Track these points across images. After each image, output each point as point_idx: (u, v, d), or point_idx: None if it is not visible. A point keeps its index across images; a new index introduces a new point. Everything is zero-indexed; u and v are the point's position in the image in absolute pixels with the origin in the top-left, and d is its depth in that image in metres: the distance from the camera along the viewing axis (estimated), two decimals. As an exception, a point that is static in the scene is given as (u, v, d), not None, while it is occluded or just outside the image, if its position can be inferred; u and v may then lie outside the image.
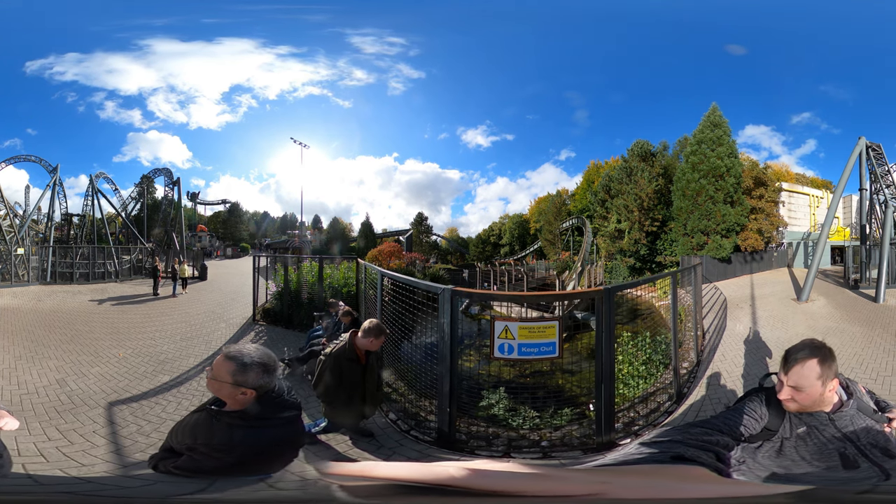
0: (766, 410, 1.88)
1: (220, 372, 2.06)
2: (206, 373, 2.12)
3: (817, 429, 1.82)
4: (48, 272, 18.70)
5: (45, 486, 1.37)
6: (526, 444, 4.87)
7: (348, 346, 4.36)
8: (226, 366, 2.05)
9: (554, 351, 4.81)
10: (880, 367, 7.12)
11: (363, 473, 0.94)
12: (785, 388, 1.83)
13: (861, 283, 16.35)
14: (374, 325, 4.40)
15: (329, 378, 4.33)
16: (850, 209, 25.69)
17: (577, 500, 0.85)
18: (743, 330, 10.04)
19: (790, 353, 1.86)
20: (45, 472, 3.73)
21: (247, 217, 40.36)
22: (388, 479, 0.88)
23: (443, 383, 4.82)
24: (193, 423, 2.13)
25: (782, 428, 1.85)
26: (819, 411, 1.84)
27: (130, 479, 3.42)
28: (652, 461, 1.26)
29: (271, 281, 11.78)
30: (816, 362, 1.81)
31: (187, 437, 2.10)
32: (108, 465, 4.04)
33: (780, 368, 1.88)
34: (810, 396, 1.82)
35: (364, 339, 4.34)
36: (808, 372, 1.80)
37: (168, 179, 28.69)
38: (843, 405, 1.86)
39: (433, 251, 37.51)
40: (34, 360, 7.15)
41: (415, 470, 0.88)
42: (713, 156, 21.60)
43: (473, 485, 0.82)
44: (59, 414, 5.11)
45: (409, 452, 4.65)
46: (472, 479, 0.82)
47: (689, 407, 5.77)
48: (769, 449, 1.84)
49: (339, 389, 4.35)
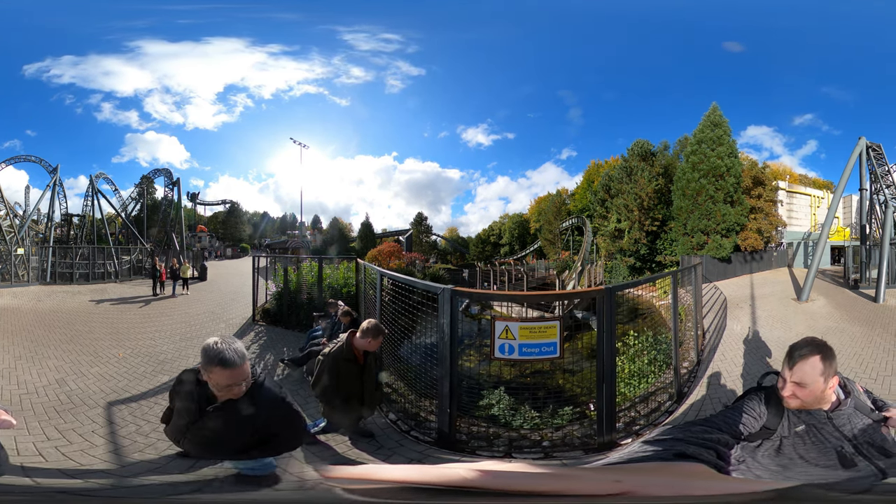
0: (764, 409, 1.89)
1: (241, 375, 2.18)
2: (231, 382, 2.20)
3: (816, 427, 1.83)
4: (48, 272, 18.68)
5: (42, 486, 1.36)
6: (527, 445, 4.85)
7: (346, 347, 4.33)
8: (243, 371, 2.17)
9: (555, 351, 4.79)
10: (880, 367, 7.12)
11: (366, 476, 0.93)
12: (788, 384, 1.85)
13: (861, 283, 16.35)
14: (373, 325, 4.38)
15: (327, 378, 4.31)
16: (850, 209, 25.68)
17: (591, 498, 0.85)
18: (743, 330, 10.03)
19: (794, 350, 1.87)
20: (45, 471, 3.71)
21: (246, 217, 40.35)
22: (394, 481, 0.87)
23: (443, 384, 4.81)
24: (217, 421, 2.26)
25: (781, 426, 1.86)
26: (818, 409, 1.86)
27: (128, 479, 3.42)
28: (657, 459, 1.27)
29: (271, 281, 11.77)
30: (819, 359, 1.83)
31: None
32: (106, 465, 4.04)
33: (784, 365, 1.89)
34: (812, 393, 1.83)
35: (362, 339, 4.33)
36: (811, 369, 1.82)
37: (168, 180, 28.66)
38: (841, 404, 1.88)
39: (433, 251, 37.50)
40: (34, 360, 7.15)
41: (423, 472, 0.87)
42: (713, 155, 21.59)
43: (486, 485, 0.81)
44: (58, 413, 5.11)
45: (409, 453, 4.64)
46: (485, 480, 0.82)
47: (689, 406, 5.77)
48: (768, 447, 1.85)
49: (338, 390, 4.33)
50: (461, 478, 0.83)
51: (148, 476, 3.41)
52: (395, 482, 0.89)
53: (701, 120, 22.61)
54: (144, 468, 3.80)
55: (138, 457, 4.15)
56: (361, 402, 4.49)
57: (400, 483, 0.88)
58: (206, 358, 2.14)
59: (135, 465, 3.96)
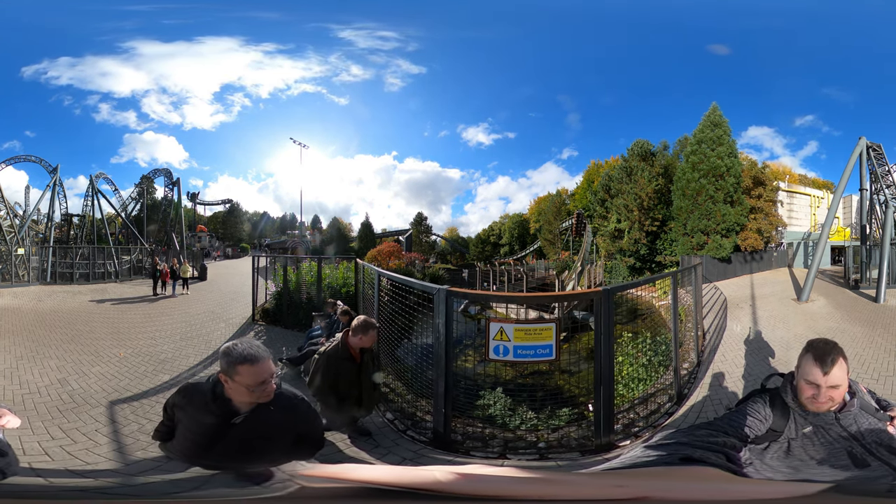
0: (769, 411, 1.88)
1: (268, 370, 2.07)
2: (262, 378, 2.06)
3: (823, 428, 1.82)
4: (48, 272, 18.70)
5: (55, 485, 1.38)
6: (523, 446, 4.82)
7: (342, 346, 4.32)
8: (269, 365, 2.08)
9: (551, 354, 4.73)
10: (881, 367, 7.12)
11: (336, 476, 0.93)
12: (824, 389, 1.81)
13: (861, 283, 16.33)
14: (362, 321, 4.34)
15: (320, 379, 4.30)
16: (850, 209, 25.67)
17: (588, 503, 0.84)
18: (743, 330, 10.02)
19: (825, 355, 1.83)
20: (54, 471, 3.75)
21: (246, 217, 40.33)
22: (367, 482, 0.86)
23: (438, 384, 4.79)
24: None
25: (787, 428, 1.85)
26: (826, 411, 1.85)
27: (134, 477, 3.45)
28: (661, 463, 1.25)
29: (270, 281, 11.79)
30: (843, 361, 1.83)
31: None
32: (111, 463, 4.08)
33: (815, 371, 1.83)
34: (842, 394, 1.84)
35: (354, 336, 4.30)
36: (842, 371, 1.82)
37: (168, 180, 28.66)
38: (847, 405, 1.87)
39: (433, 251, 37.47)
40: (35, 360, 7.17)
41: (396, 474, 0.86)
42: (713, 155, 21.59)
43: (461, 490, 0.81)
44: (61, 413, 5.14)
45: (405, 452, 4.65)
46: (460, 484, 0.80)
47: (689, 408, 5.76)
48: (777, 450, 1.84)
49: (334, 389, 4.32)
50: (434, 480, 0.82)
51: (152, 474, 3.43)
52: (368, 483, 0.88)
53: (701, 120, 22.62)
54: (149, 466, 3.83)
55: (141, 455, 4.18)
56: (359, 400, 4.46)
57: (372, 484, 0.87)
58: (229, 360, 2.01)
59: (139, 464, 4.00)
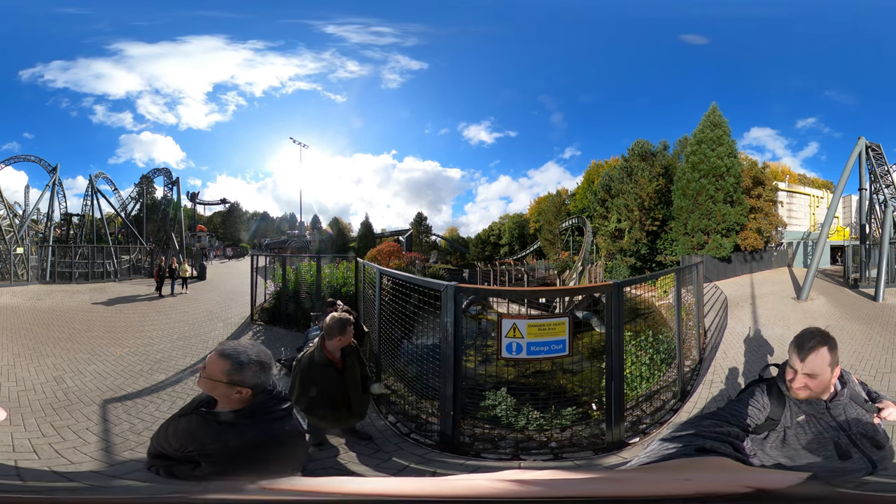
0: (767, 400, 1.94)
1: (214, 371, 1.93)
2: (199, 371, 2.00)
3: (815, 416, 1.88)
4: (47, 272, 18.65)
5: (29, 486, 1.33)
6: (534, 446, 4.69)
7: (318, 352, 3.88)
8: (220, 364, 1.93)
9: (564, 349, 4.62)
10: (880, 365, 7.15)
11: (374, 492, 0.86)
12: (799, 375, 1.87)
13: (860, 283, 16.35)
14: (335, 320, 3.86)
15: (298, 392, 3.83)
16: (849, 209, 25.70)
17: (653, 501, 0.79)
18: (744, 328, 10.02)
19: (803, 342, 1.88)
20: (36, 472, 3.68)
21: (246, 217, 40.27)
22: (401, 496, 0.80)
23: (446, 384, 4.61)
24: (184, 427, 2.01)
25: (784, 417, 1.91)
26: (817, 399, 1.91)
27: (114, 479, 3.38)
28: (680, 455, 1.28)
29: (270, 280, 11.74)
30: (827, 350, 1.87)
31: (180, 442, 1.99)
32: (95, 464, 3.99)
33: (793, 356, 1.90)
34: (822, 383, 1.87)
35: (331, 339, 3.84)
36: (821, 360, 1.86)
37: (167, 179, 28.61)
38: (838, 394, 1.93)
39: (433, 251, 37.40)
40: (32, 358, 7.12)
41: (435, 485, 0.80)
42: (713, 155, 21.60)
43: (526, 494, 0.75)
44: (54, 411, 5.08)
45: (409, 457, 4.45)
46: (520, 489, 0.74)
47: (693, 404, 5.76)
48: (775, 439, 1.90)
49: (318, 401, 3.88)
50: (490, 488, 0.76)
51: (134, 476, 3.37)
52: (404, 497, 0.80)
53: (701, 120, 22.63)
54: (133, 468, 3.76)
55: (128, 455, 4.10)
56: (348, 407, 4.00)
57: (412, 498, 0.79)
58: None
59: (122, 465, 3.93)
